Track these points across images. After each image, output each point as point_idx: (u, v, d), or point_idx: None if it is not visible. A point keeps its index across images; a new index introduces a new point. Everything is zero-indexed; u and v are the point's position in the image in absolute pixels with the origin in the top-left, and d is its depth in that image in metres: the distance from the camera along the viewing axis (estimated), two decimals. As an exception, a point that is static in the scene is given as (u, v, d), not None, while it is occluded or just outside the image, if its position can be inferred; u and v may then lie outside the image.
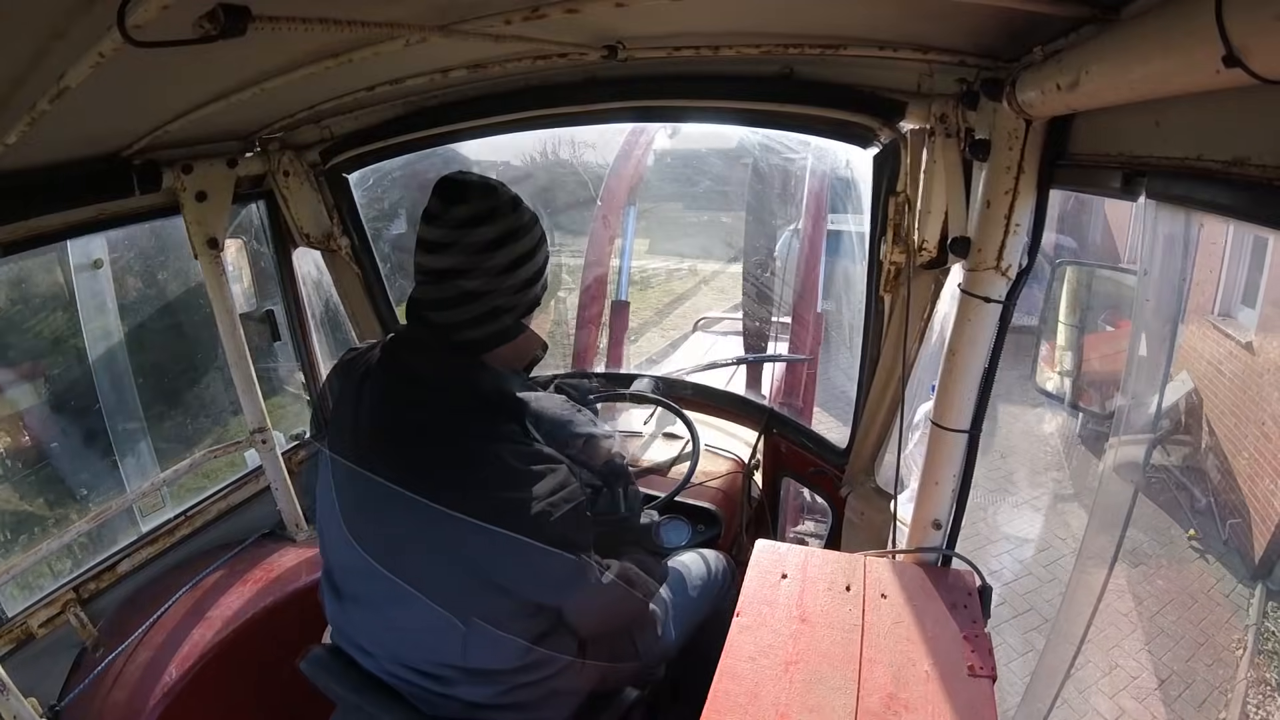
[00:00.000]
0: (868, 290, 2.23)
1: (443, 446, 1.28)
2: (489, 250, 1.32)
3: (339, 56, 1.39)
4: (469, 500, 1.24)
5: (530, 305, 1.41)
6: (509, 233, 1.34)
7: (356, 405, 1.38)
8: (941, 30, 1.52)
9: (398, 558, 1.29)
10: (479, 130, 2.34)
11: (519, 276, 1.36)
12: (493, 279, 1.33)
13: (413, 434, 1.31)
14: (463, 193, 1.32)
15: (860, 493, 2.47)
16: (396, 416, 1.34)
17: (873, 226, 2.09)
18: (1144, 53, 0.87)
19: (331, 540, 1.41)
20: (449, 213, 1.32)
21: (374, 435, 1.33)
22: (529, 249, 1.37)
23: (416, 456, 1.29)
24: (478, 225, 1.31)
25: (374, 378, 1.39)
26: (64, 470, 4.70)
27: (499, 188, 1.37)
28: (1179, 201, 1.04)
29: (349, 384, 1.42)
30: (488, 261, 1.32)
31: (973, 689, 1.38)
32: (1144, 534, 5.65)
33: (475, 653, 1.30)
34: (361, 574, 1.34)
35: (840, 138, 2.01)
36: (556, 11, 1.27)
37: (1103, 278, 7.06)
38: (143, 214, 2.12)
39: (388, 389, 1.36)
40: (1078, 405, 6.93)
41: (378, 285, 2.75)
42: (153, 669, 1.90)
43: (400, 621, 1.32)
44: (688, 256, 14.00)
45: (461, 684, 1.32)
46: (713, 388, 3.22)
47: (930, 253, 1.86)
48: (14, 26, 0.94)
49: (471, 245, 1.31)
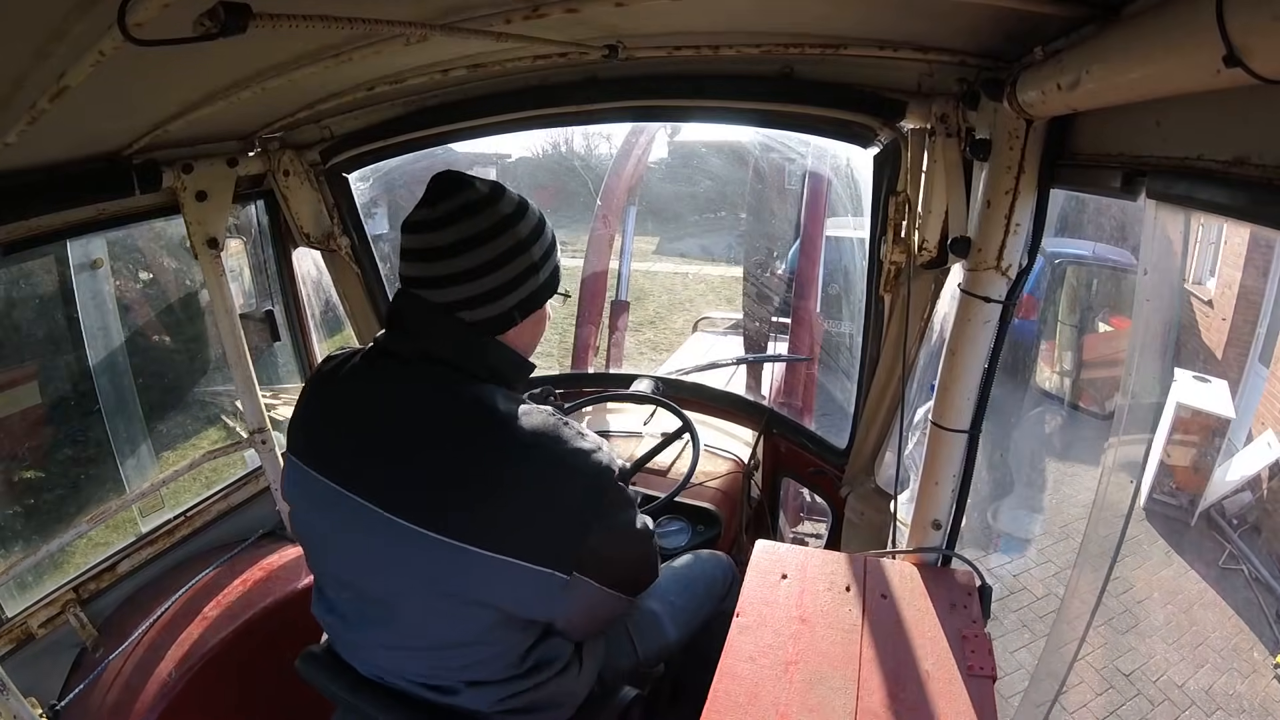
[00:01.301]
0: (868, 290, 2.23)
1: (427, 465, 1.22)
2: (493, 231, 1.26)
3: (339, 55, 1.39)
4: (452, 521, 1.19)
5: (532, 296, 1.33)
6: (510, 215, 1.29)
7: (337, 415, 1.32)
8: (942, 30, 1.52)
9: (382, 577, 1.25)
10: (479, 130, 2.34)
11: (520, 262, 1.29)
12: (495, 260, 1.27)
13: (397, 448, 1.24)
14: (460, 183, 1.28)
15: (860, 493, 2.47)
16: (380, 427, 1.26)
17: (873, 226, 2.09)
18: (1144, 52, 0.87)
19: (316, 557, 1.38)
20: (451, 197, 1.27)
21: (356, 448, 1.26)
22: (528, 235, 1.30)
23: (399, 475, 1.23)
24: (480, 209, 1.27)
25: (361, 380, 1.32)
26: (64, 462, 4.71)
27: (497, 184, 1.33)
28: (1179, 201, 1.04)
29: (330, 391, 1.35)
30: (490, 241, 1.26)
31: (973, 689, 1.38)
32: (1215, 653, 4.37)
33: (469, 667, 1.29)
34: (350, 590, 1.32)
35: (841, 137, 2.02)
36: (557, 10, 1.27)
37: (1103, 276, 7.02)
38: (143, 213, 2.12)
39: (375, 392, 1.29)
40: (1077, 405, 6.92)
41: (377, 285, 2.75)
42: (152, 669, 1.90)
43: (392, 640, 1.30)
44: (699, 259, 13.72)
45: (462, 694, 1.32)
46: (712, 388, 3.22)
47: (930, 252, 1.86)
48: (14, 25, 0.94)
49: (473, 225, 1.25)
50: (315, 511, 1.32)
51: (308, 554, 1.41)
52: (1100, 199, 4.33)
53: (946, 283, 1.98)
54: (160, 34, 0.81)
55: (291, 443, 1.36)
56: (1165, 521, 5.55)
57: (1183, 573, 5.20)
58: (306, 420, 1.37)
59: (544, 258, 1.33)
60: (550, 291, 1.37)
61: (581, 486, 1.23)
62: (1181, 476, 5.69)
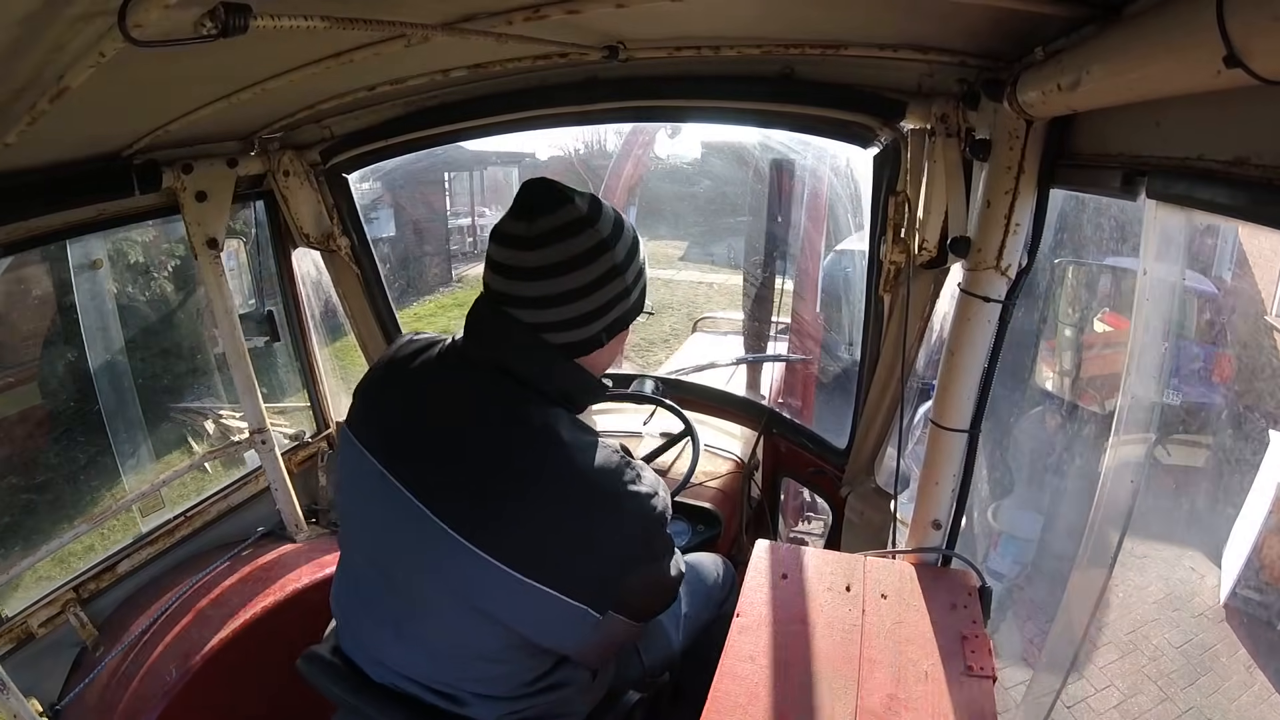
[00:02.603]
0: (867, 290, 2.23)
1: (478, 476, 1.18)
2: (590, 255, 1.21)
3: (340, 56, 1.39)
4: (492, 537, 1.16)
5: (621, 319, 1.29)
6: (608, 238, 1.23)
7: (400, 401, 1.30)
8: (942, 31, 1.52)
9: (410, 571, 1.24)
10: (479, 130, 2.35)
11: (614, 286, 1.24)
12: (589, 285, 1.22)
13: (451, 451, 1.21)
14: (558, 197, 1.22)
15: (860, 493, 2.47)
16: (440, 425, 1.24)
17: (873, 226, 2.09)
18: (1145, 53, 0.88)
19: (352, 533, 1.38)
20: (549, 213, 1.21)
21: (412, 439, 1.24)
22: (624, 257, 1.25)
23: (449, 478, 1.20)
24: (579, 230, 1.21)
25: (431, 375, 1.29)
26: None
27: (595, 199, 1.27)
28: (1179, 201, 1.04)
29: (399, 376, 1.32)
30: (587, 266, 1.21)
31: (973, 689, 1.38)
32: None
33: (480, 680, 1.28)
34: (377, 574, 1.31)
35: (841, 137, 2.02)
36: (558, 12, 1.27)
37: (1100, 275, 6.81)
38: (143, 214, 2.13)
39: (442, 390, 1.27)
40: (1077, 405, 6.85)
41: (377, 286, 2.75)
42: (152, 669, 1.90)
43: (407, 635, 1.28)
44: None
45: (469, 705, 1.30)
46: (712, 388, 3.22)
47: (930, 252, 1.86)
48: (14, 26, 0.94)
49: (569, 248, 1.20)
50: (359, 488, 1.30)
51: (343, 529, 1.40)
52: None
53: (946, 282, 1.99)
54: (161, 35, 0.81)
55: (351, 414, 1.34)
56: (1250, 625, 4.27)
57: (1265, 696, 3.88)
58: (369, 397, 1.35)
59: (636, 279, 1.29)
60: (638, 312, 1.33)
61: (631, 531, 1.21)
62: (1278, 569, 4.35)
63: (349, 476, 1.33)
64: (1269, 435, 4.45)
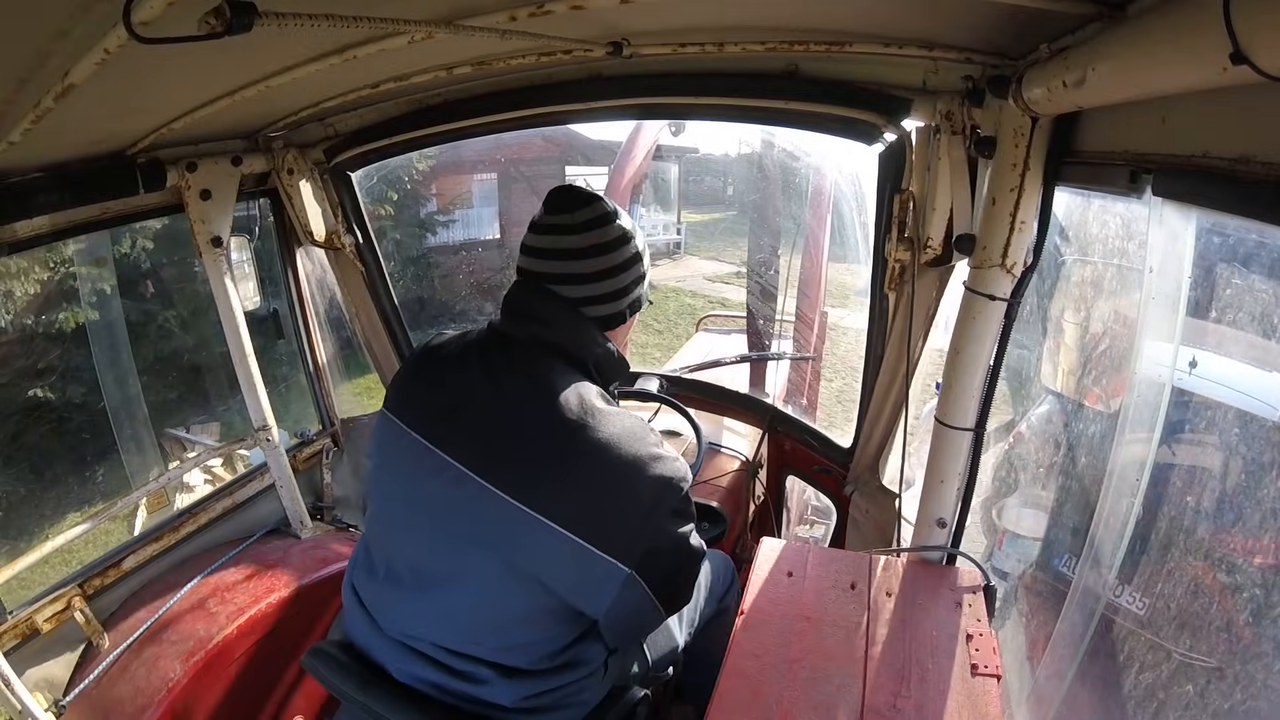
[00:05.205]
0: (872, 288, 2.22)
1: (520, 440, 1.29)
2: (619, 242, 1.42)
3: (344, 53, 1.38)
4: (534, 494, 1.24)
5: (637, 300, 1.50)
6: (627, 231, 1.45)
7: (440, 378, 1.40)
8: (947, 27, 1.51)
9: (452, 536, 1.30)
10: (483, 128, 2.34)
11: (635, 270, 1.46)
12: (619, 265, 1.43)
13: (494, 420, 1.31)
14: (589, 197, 1.44)
15: (865, 491, 2.47)
16: (481, 396, 1.34)
17: (878, 224, 2.08)
18: (1150, 50, 0.87)
19: (385, 513, 1.42)
20: (586, 206, 1.42)
21: (453, 411, 1.34)
22: (640, 249, 1.47)
23: (492, 444, 1.29)
24: (609, 221, 1.42)
25: (471, 352, 1.41)
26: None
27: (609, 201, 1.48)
28: (1185, 198, 1.04)
29: (437, 358, 1.44)
30: (618, 249, 1.42)
31: (977, 687, 1.38)
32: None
33: (506, 650, 1.32)
34: (415, 548, 1.35)
35: (845, 135, 2.01)
36: (562, 8, 1.27)
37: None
38: (147, 212, 2.13)
39: (482, 362, 1.38)
40: (1082, 404, 6.81)
41: (382, 283, 2.76)
42: (157, 665, 1.91)
43: (440, 604, 1.32)
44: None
45: (490, 684, 1.33)
46: (717, 386, 3.22)
47: (935, 250, 1.86)
48: (19, 23, 0.94)
49: (604, 234, 1.41)
50: (400, 465, 1.38)
51: (374, 510, 1.46)
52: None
53: (951, 280, 1.98)
54: (165, 32, 0.81)
55: (388, 401, 1.44)
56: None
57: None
58: (407, 379, 1.48)
59: (646, 267, 1.50)
60: (645, 299, 1.54)
61: (654, 489, 1.29)
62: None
63: (387, 457, 1.42)
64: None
